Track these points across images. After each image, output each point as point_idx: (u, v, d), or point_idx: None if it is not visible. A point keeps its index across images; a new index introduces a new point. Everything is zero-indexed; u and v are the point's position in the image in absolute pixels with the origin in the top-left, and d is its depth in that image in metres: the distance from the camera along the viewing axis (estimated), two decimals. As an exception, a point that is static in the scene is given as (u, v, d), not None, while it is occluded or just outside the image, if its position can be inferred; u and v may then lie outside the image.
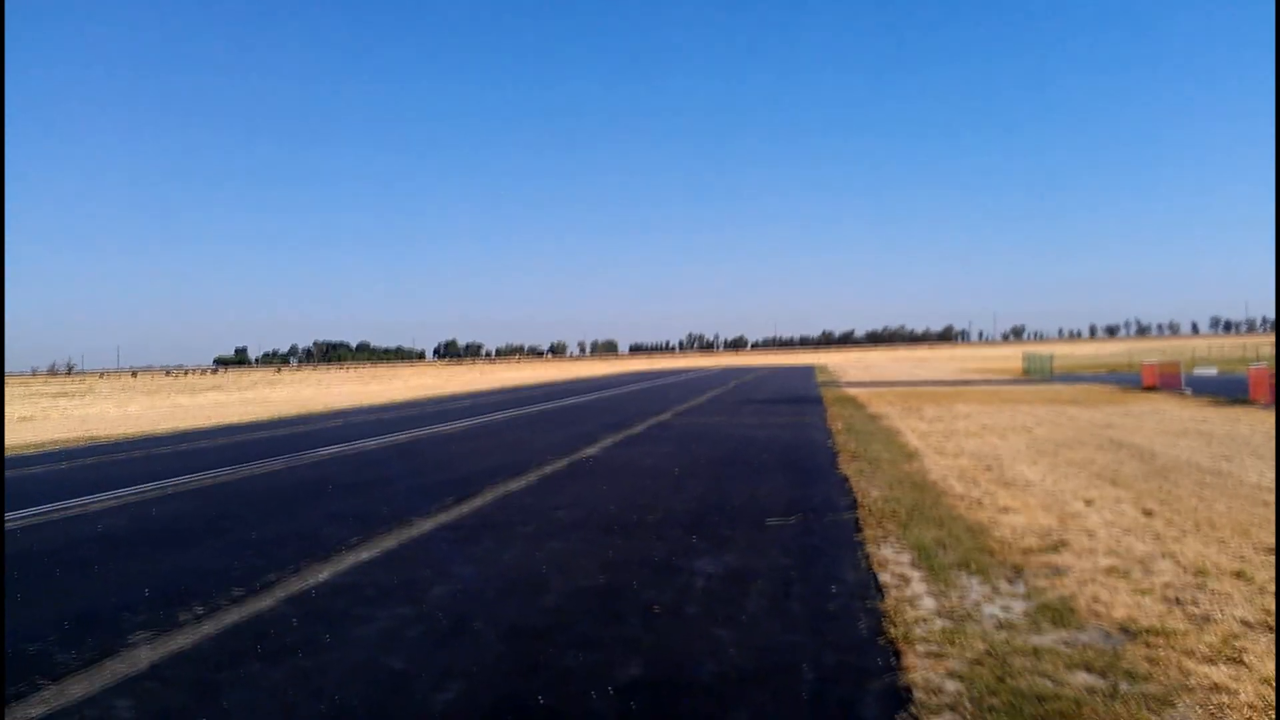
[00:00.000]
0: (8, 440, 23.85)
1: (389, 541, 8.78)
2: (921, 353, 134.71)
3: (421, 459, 16.15)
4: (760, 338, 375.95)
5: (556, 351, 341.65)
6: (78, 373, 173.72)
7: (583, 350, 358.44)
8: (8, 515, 11.11)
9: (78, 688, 5.01)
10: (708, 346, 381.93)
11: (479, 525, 9.55)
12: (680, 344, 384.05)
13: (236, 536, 9.31)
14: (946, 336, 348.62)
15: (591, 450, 16.50)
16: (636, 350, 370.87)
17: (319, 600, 6.71)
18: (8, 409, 44.26)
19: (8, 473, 16.20)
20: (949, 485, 11.02)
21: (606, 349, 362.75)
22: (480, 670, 5.12)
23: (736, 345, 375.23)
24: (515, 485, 12.34)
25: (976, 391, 31.71)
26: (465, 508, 10.63)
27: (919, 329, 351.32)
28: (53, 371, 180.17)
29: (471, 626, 5.94)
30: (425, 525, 9.60)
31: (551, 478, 13.04)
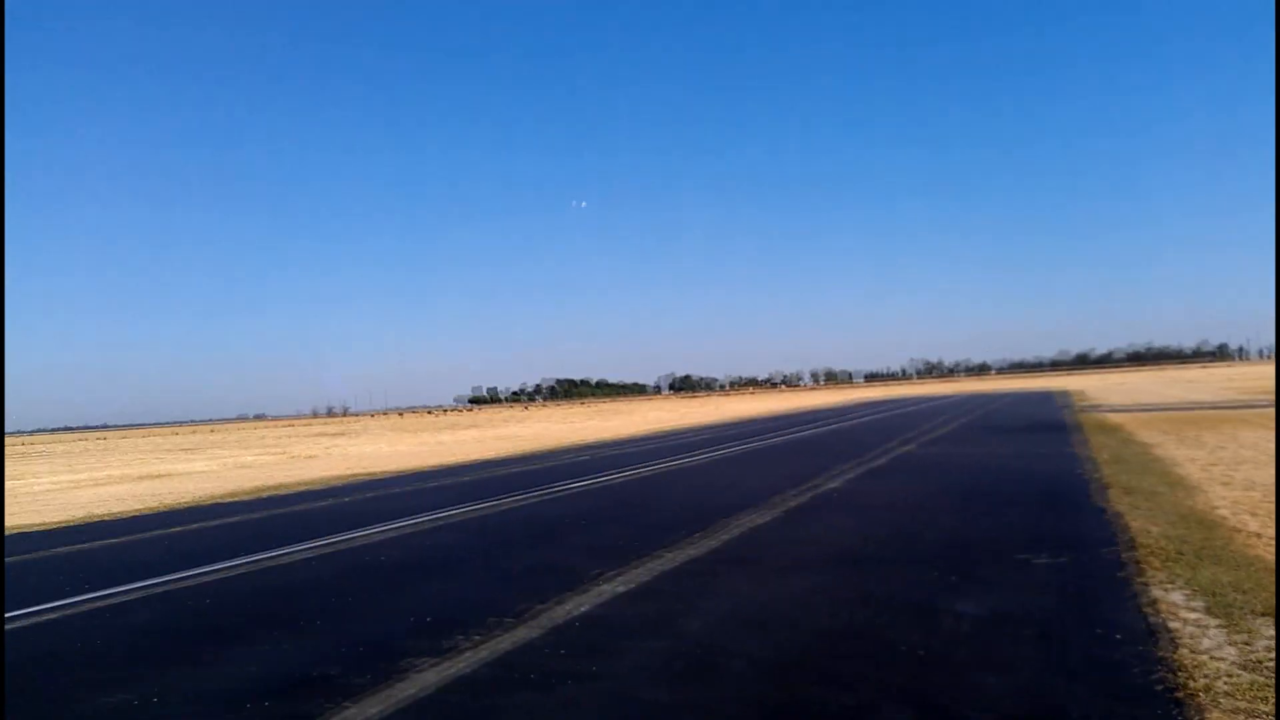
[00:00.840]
0: (297, 474, 26.52)
1: (640, 574, 9.00)
2: (1192, 373, 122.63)
3: (665, 492, 16.49)
4: (1002, 361, 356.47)
5: (789, 382, 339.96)
6: (352, 414, 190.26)
7: (815, 380, 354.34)
8: (309, 543, 12.31)
9: (375, 708, 5.45)
10: (947, 373, 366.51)
11: (726, 559, 9.61)
12: (916, 371, 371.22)
13: (498, 566, 9.86)
14: (1220, 354, 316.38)
15: (834, 483, 16.22)
16: (871, 379, 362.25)
17: (580, 631, 6.97)
18: (288, 447, 49.30)
19: (299, 506, 17.99)
20: (1242, 522, 9.96)
21: (838, 378, 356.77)
22: (738, 707, 5.13)
23: (979, 370, 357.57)
24: (759, 519, 12.33)
25: (1262, 415, 28.53)
26: (711, 541, 10.73)
27: (1185, 346, 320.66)
28: (330, 413, 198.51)
29: (725, 662, 5.97)
30: (674, 559, 9.76)
31: (795, 511, 12.93)
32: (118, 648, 7.38)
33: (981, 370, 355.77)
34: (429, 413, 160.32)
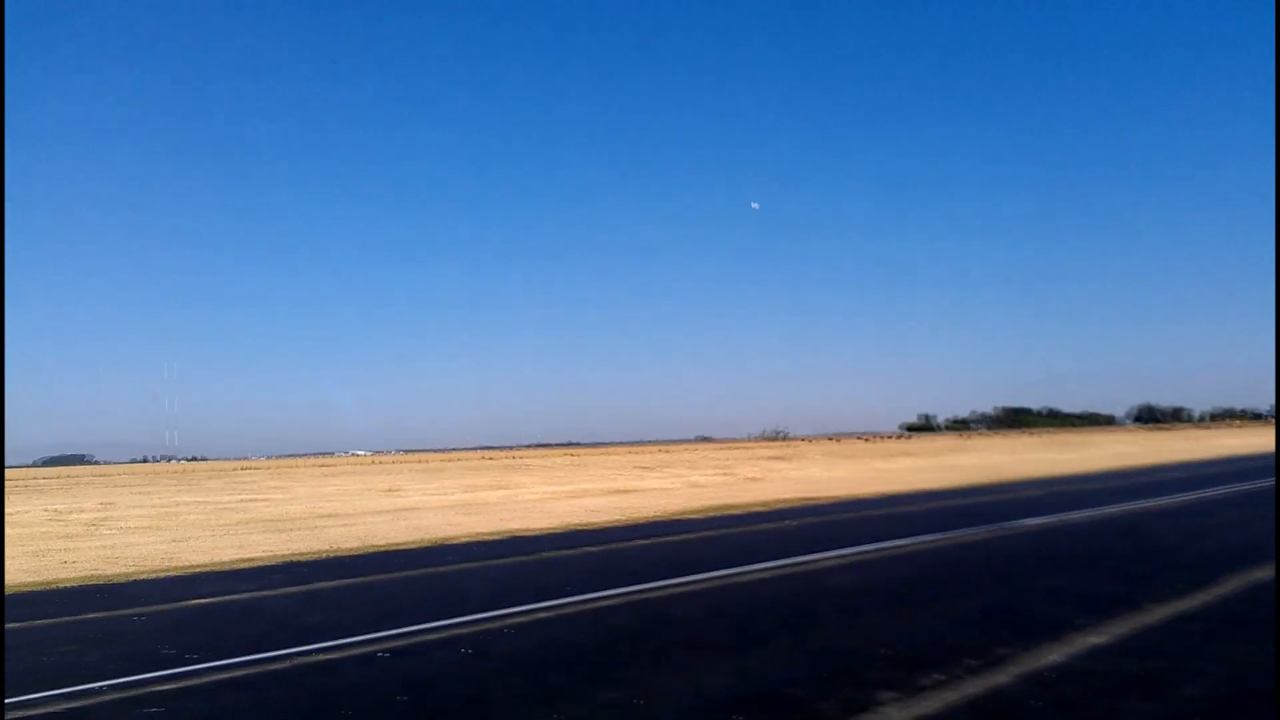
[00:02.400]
0: (744, 496, 27.74)
1: (1119, 627, 8.16)
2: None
3: (1137, 536, 14.84)
4: None
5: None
6: (790, 438, 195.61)
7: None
8: (763, 562, 12.81)
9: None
10: None
11: (1222, 618, 8.39)
12: None
13: (954, 604, 9.49)
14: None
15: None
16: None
17: (1056, 682, 6.47)
18: (734, 468, 51.66)
19: (750, 527, 18.80)
20: None
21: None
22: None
23: None
24: (1262, 574, 10.63)
25: None
26: (1204, 595, 9.44)
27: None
28: (766, 436, 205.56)
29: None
30: (1158, 612, 8.72)
31: (1315, 570, 10.94)
32: (601, 651, 8.19)
33: None
34: (864, 439, 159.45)
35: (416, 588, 12.14)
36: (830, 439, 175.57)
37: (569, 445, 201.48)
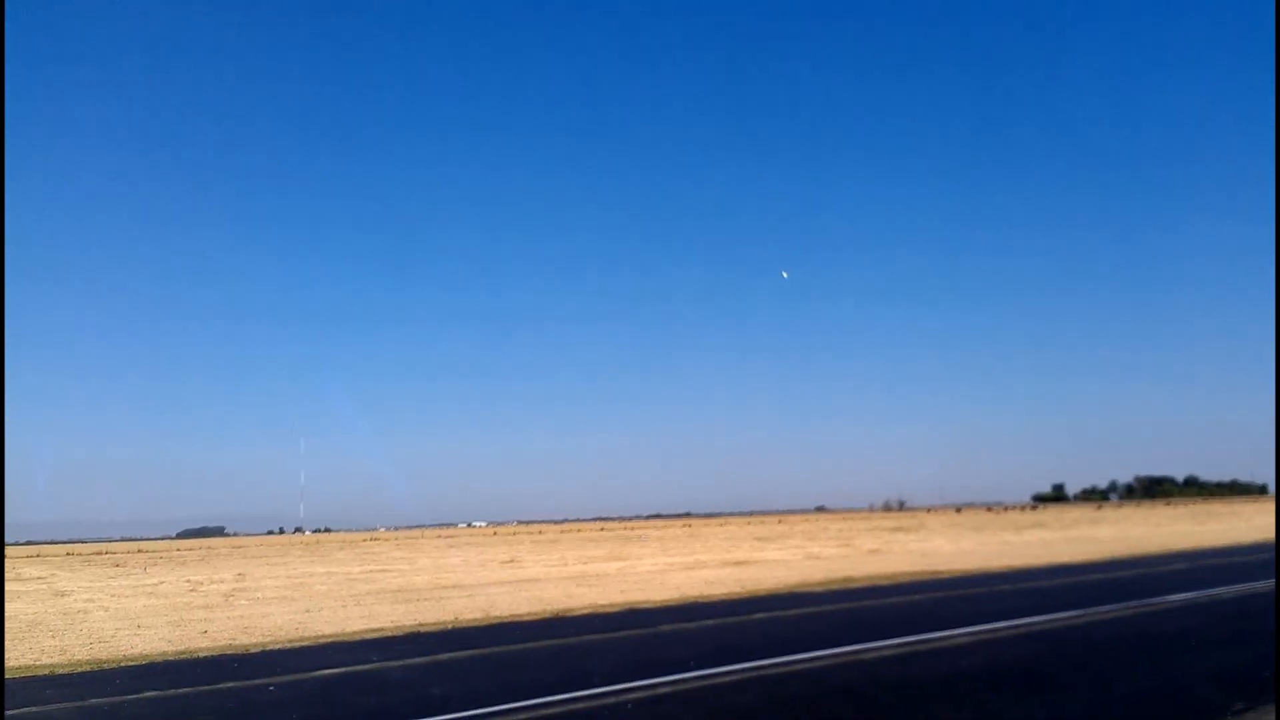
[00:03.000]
0: (864, 568, 26.96)
1: (1285, 715, 7.58)
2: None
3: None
4: None
5: None
6: (909, 508, 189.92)
7: None
8: (891, 639, 12.40)
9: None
10: None
11: None
12: None
13: (1106, 686, 8.98)
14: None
15: None
16: None
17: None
18: (852, 539, 50.30)
19: (871, 601, 18.25)
20: None
21: None
22: None
23: None
24: None
25: None
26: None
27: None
28: (886, 507, 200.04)
29: None
30: (1328, 700, 8.06)
31: None
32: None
33: None
34: (991, 510, 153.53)
35: (538, 660, 12.19)
36: (954, 510, 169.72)
37: (684, 516, 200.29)
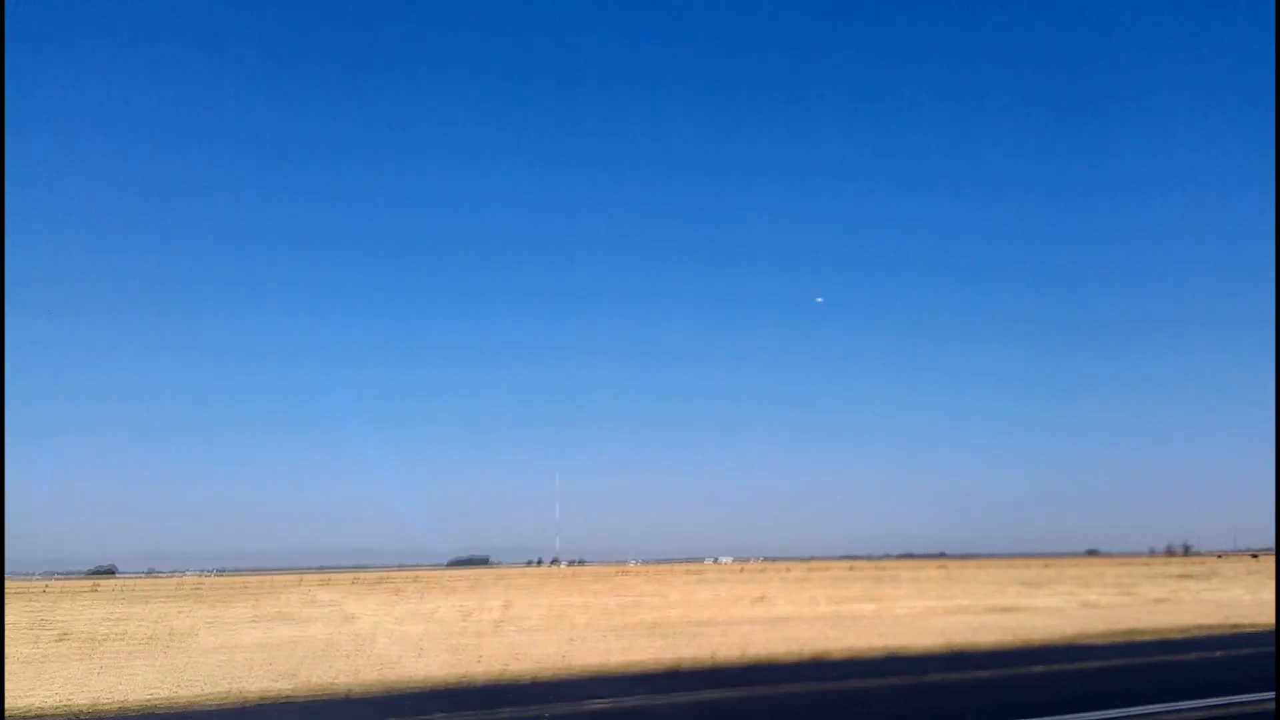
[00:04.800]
0: (1148, 619, 24.56)
1: None
2: None
3: None
4: None
5: None
6: (1194, 553, 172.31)
7: None
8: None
9: None
10: None
11: None
12: None
13: None
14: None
15: None
16: None
17: None
18: (1132, 586, 45.99)
19: (1176, 656, 16.58)
20: None
21: None
22: None
23: None
24: None
25: None
26: None
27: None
28: (1169, 551, 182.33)
29: None
30: None
31: None
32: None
33: None
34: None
35: (805, 705, 11.99)
36: (1250, 555, 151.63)
37: (937, 556, 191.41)
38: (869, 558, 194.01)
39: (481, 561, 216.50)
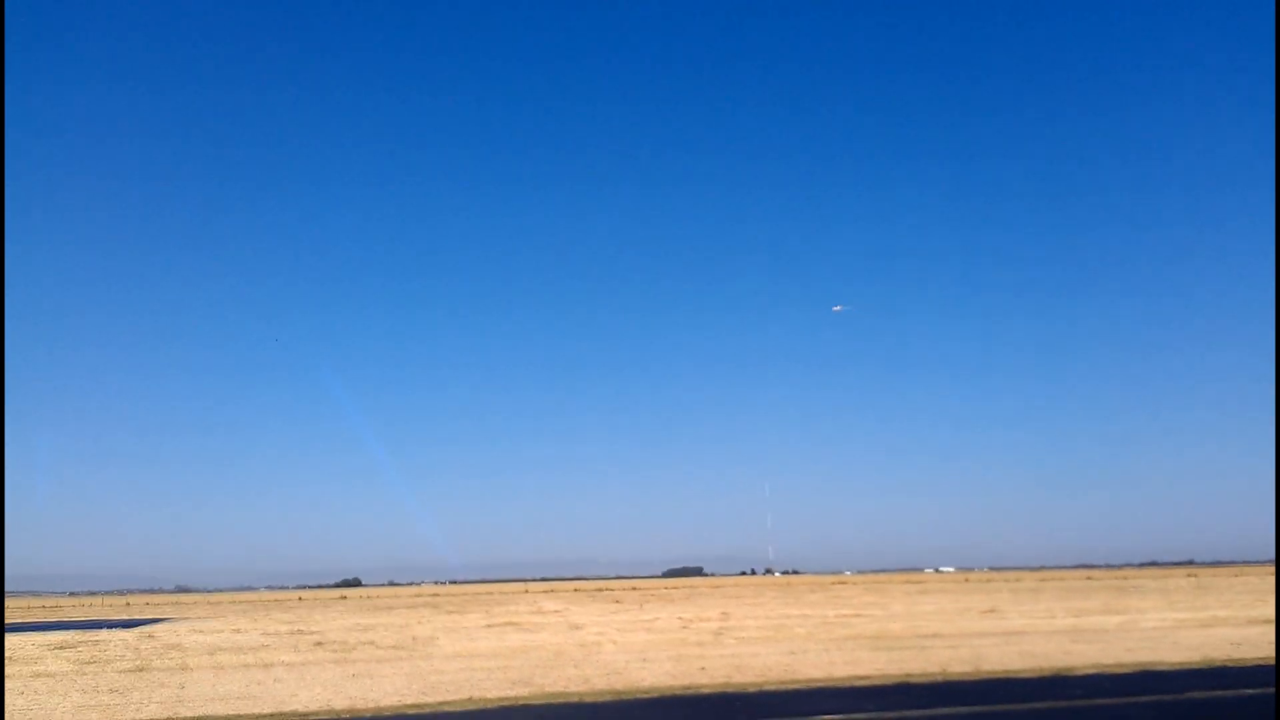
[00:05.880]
0: None
1: None
2: None
3: None
4: None
5: None
6: None
7: None
8: None
9: None
10: None
11: None
12: None
13: None
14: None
15: None
16: None
17: None
18: None
19: None
20: None
21: None
22: None
23: None
24: None
25: None
26: None
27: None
28: None
29: None
30: None
31: None
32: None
33: None
34: None
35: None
36: None
37: (1185, 564, 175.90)
38: (1107, 566, 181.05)
39: (695, 571, 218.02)
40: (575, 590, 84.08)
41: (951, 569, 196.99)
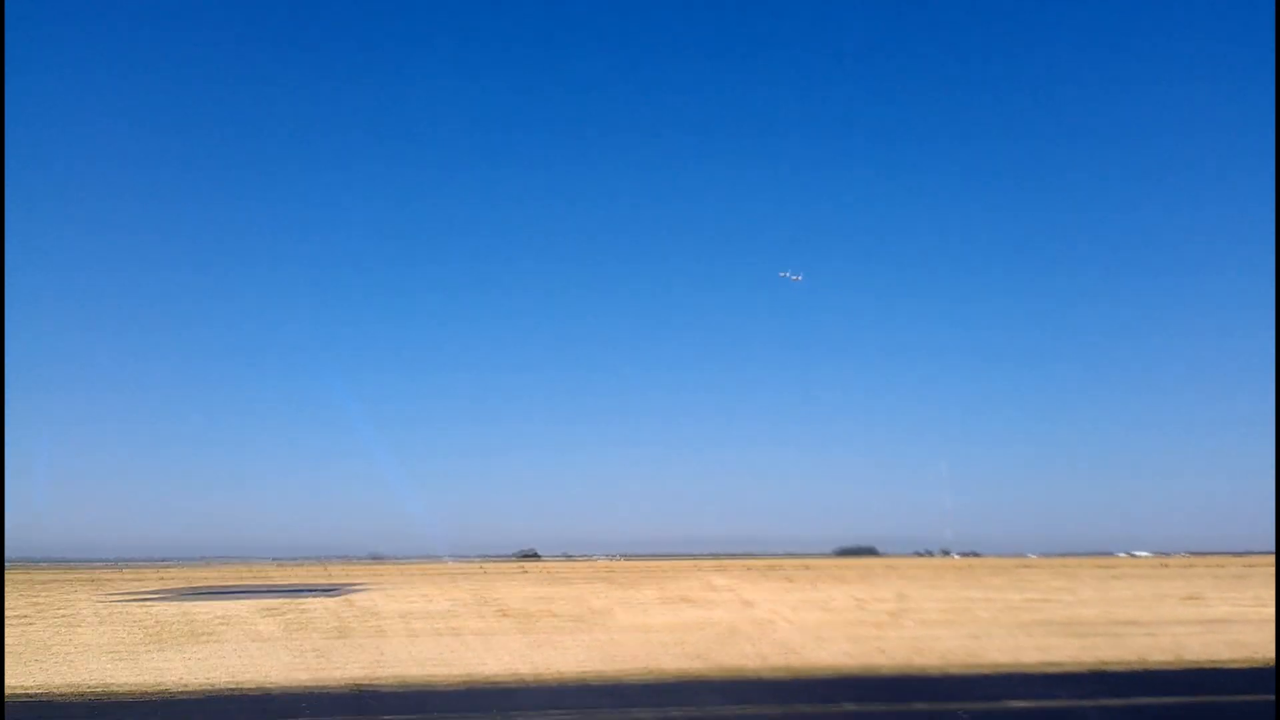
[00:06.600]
0: None
1: None
2: None
3: None
4: None
5: None
6: None
7: None
8: None
9: None
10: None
11: None
12: None
13: None
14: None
15: None
16: None
17: None
18: None
19: None
20: None
21: None
22: None
23: None
24: None
25: None
26: None
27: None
28: None
29: None
30: None
31: None
32: None
33: None
34: None
35: (1264, 717, 10.50)
36: None
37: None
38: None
39: (868, 551, 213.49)
40: (746, 568, 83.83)
41: (1146, 553, 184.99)
